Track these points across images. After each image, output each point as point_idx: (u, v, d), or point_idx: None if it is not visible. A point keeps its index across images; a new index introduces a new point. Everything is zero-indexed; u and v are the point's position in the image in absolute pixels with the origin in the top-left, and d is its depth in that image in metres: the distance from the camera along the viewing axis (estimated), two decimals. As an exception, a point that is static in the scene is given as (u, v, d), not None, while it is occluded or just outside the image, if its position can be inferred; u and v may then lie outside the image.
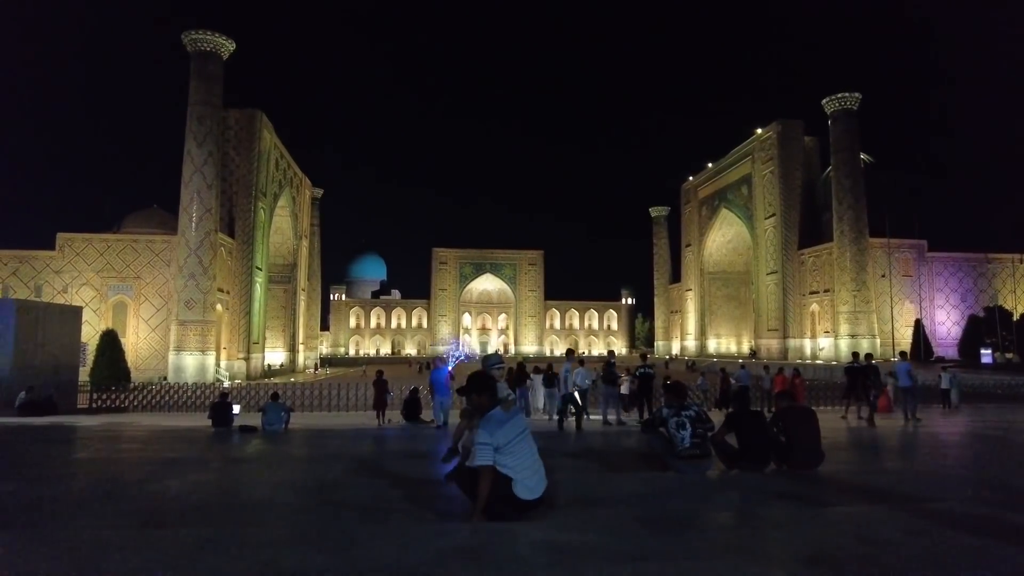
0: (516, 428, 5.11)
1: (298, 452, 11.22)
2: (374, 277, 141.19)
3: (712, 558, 4.24)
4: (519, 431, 5.12)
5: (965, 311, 65.15)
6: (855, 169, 62.07)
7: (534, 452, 5.26)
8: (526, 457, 5.10)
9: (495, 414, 5.13)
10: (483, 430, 5.01)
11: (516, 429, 5.10)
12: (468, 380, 5.52)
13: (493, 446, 4.95)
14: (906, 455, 10.96)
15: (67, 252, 50.36)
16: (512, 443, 5.02)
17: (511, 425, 5.08)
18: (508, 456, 4.99)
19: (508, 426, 5.06)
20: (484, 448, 4.93)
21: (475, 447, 5.01)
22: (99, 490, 7.00)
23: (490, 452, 4.94)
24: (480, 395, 5.34)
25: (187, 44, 49.67)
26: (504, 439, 4.99)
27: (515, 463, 5.01)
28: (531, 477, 5.08)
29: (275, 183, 63.73)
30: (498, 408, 5.20)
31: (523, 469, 5.04)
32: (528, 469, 5.09)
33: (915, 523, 5.02)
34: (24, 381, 22.47)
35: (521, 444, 5.09)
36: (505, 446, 4.99)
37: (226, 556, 4.27)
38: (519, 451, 5.05)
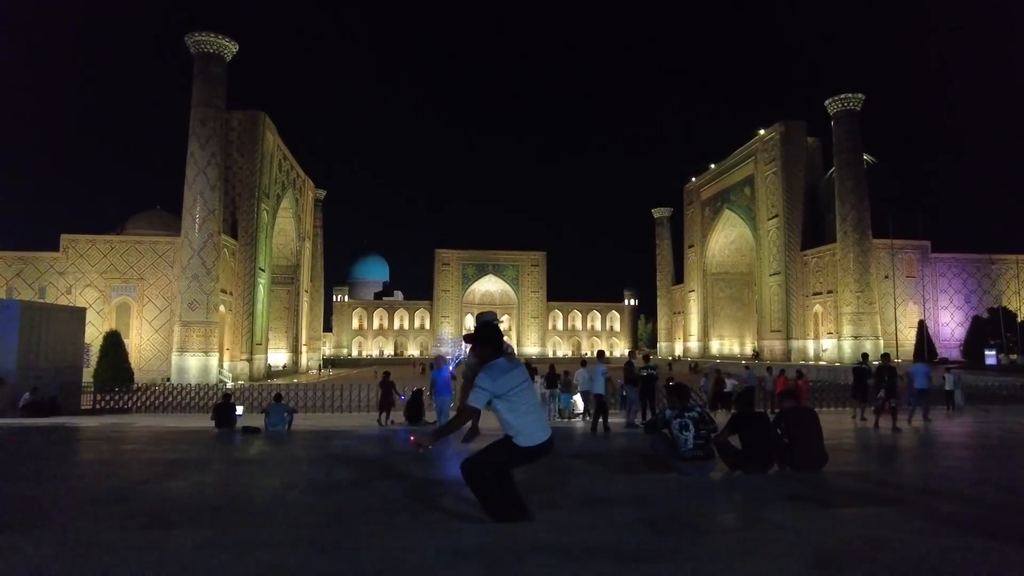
0: (518, 377, 5.08)
1: (301, 453, 11.22)
2: (377, 278, 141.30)
3: (716, 560, 4.22)
4: (521, 380, 5.09)
5: (969, 312, 64.98)
6: (858, 170, 61.96)
7: (536, 402, 5.29)
8: (527, 405, 5.08)
9: (499, 362, 5.06)
10: (484, 375, 4.94)
11: (518, 378, 5.07)
12: (476, 328, 5.36)
13: (492, 393, 4.91)
14: (911, 457, 10.92)
15: (71, 253, 50.49)
16: (513, 391, 4.98)
17: (513, 375, 5.03)
18: (508, 403, 4.96)
19: (510, 375, 5.01)
20: (480, 392, 4.89)
21: (473, 390, 4.94)
22: (103, 491, 7.02)
23: (485, 397, 4.90)
24: (485, 346, 5.21)
25: (190, 46, 49.79)
26: (505, 387, 4.95)
27: (516, 410, 4.98)
28: (532, 424, 5.05)
29: (278, 184, 63.84)
30: (502, 358, 5.14)
31: (524, 415, 5.01)
32: (529, 416, 5.06)
33: (921, 525, 5.01)
34: (28, 382, 22.55)
35: (522, 394, 5.06)
36: (506, 394, 4.95)
37: (230, 557, 4.27)
38: (520, 400, 5.02)
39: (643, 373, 18.04)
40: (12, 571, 4.00)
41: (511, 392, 4.98)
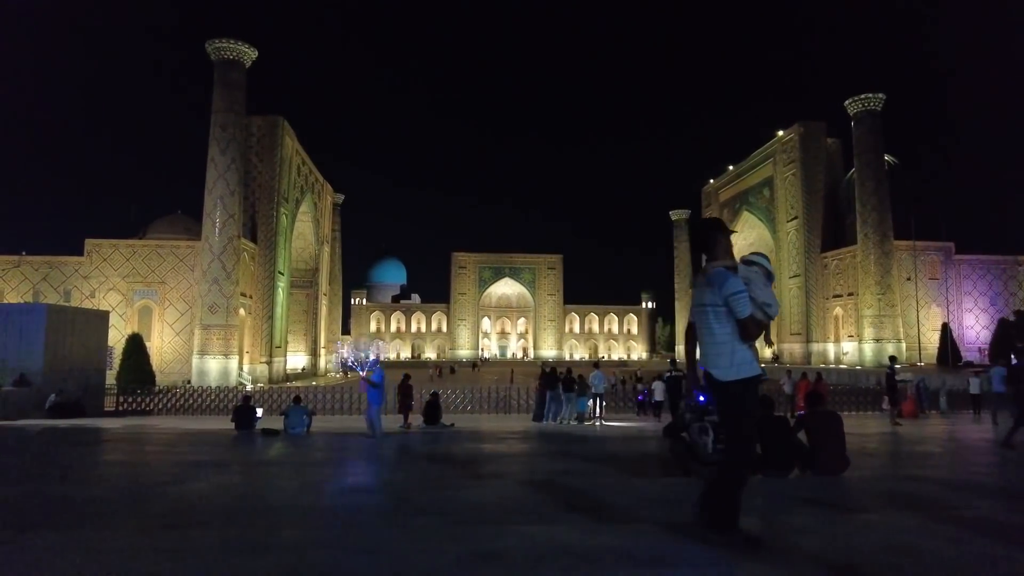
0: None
1: (320, 455, 11.30)
2: (394, 281, 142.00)
3: (735, 564, 4.18)
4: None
5: (995, 315, 63.76)
6: (879, 171, 61.15)
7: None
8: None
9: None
10: (736, 278, 4.27)
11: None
12: (704, 228, 4.73)
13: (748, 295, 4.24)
14: (936, 461, 10.73)
15: (95, 258, 51.35)
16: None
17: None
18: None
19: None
20: (744, 296, 4.22)
21: (733, 297, 4.21)
22: (126, 492, 7.12)
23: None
24: (719, 244, 4.50)
25: (211, 52, 50.46)
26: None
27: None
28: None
29: (297, 189, 64.44)
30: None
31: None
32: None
33: (945, 531, 4.92)
34: (54, 383, 22.95)
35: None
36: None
37: (251, 558, 4.31)
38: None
39: (668, 376, 18.02)
40: (37, 570, 4.06)
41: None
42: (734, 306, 4.19)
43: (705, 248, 4.53)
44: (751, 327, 4.24)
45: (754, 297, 4.27)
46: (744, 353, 4.28)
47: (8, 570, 4.05)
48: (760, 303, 4.30)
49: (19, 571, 4.05)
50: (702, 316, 4.38)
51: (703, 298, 4.37)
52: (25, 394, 22.20)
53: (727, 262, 4.39)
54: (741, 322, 4.22)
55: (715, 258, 4.44)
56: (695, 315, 4.50)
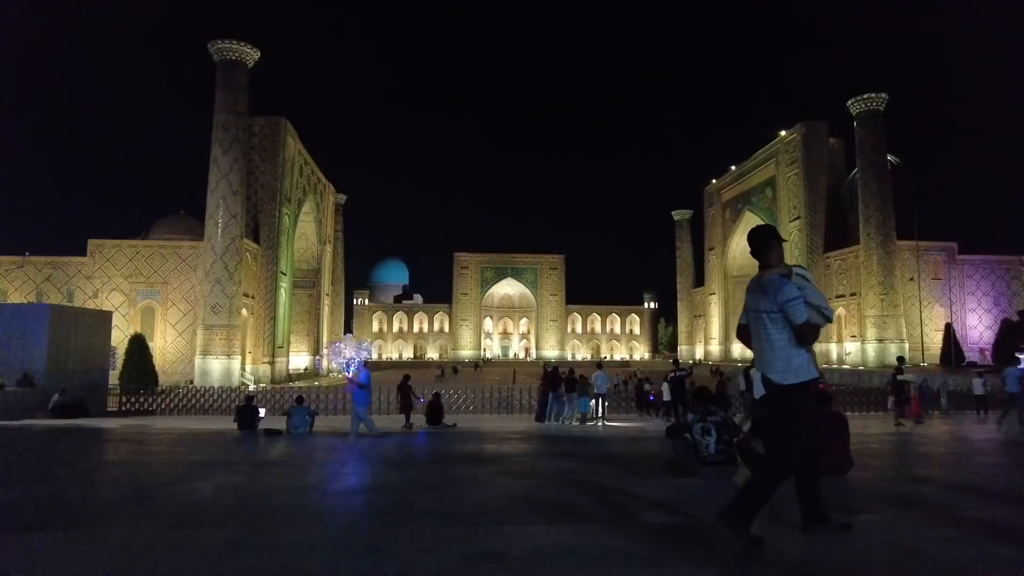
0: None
1: (322, 455, 11.31)
2: (396, 282, 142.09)
3: (738, 566, 4.18)
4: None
5: (998, 315, 63.62)
6: (882, 171, 61.06)
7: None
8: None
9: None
10: (791, 284, 4.36)
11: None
12: (759, 235, 4.79)
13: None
14: (940, 462, 10.71)
15: (98, 258, 51.47)
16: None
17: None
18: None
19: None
20: (799, 302, 4.31)
21: (789, 304, 4.29)
22: (130, 492, 7.13)
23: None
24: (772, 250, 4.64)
25: (213, 53, 50.56)
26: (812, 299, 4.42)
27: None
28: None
29: (299, 189, 64.52)
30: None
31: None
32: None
33: (949, 532, 4.91)
34: (57, 383, 23.00)
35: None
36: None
37: (253, 558, 4.32)
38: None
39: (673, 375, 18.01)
40: (42, 570, 4.07)
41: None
42: (790, 312, 4.31)
43: (759, 255, 4.66)
44: (807, 332, 4.35)
45: (809, 302, 4.38)
46: (801, 357, 4.39)
47: (11, 570, 4.06)
48: (816, 306, 4.43)
49: (22, 571, 4.06)
50: (758, 322, 4.50)
51: (759, 304, 4.48)
52: (28, 394, 22.26)
53: (781, 269, 4.52)
54: (797, 328, 4.33)
55: (768, 265, 4.57)
56: (750, 320, 4.62)
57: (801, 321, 4.29)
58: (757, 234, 4.74)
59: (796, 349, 4.37)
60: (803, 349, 4.39)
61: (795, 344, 4.36)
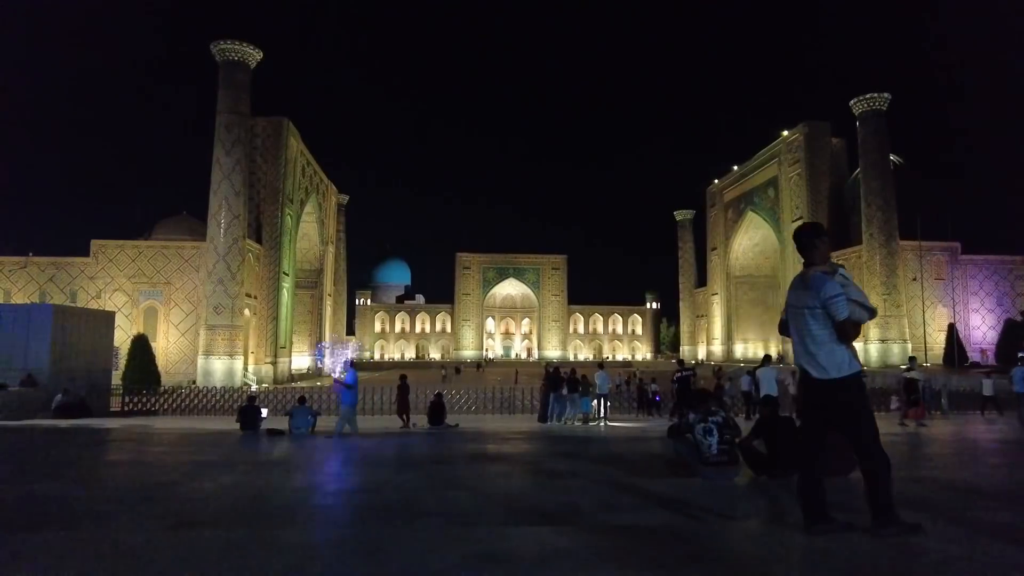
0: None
1: (324, 455, 11.31)
2: (399, 282, 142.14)
3: (741, 568, 4.17)
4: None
5: (1001, 315, 63.43)
6: (884, 171, 60.93)
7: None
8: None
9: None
10: (834, 282, 4.47)
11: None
12: (803, 232, 4.91)
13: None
14: (945, 462, 10.68)
15: (100, 259, 51.56)
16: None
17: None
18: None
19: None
20: (842, 298, 4.43)
21: (831, 300, 4.40)
22: (132, 491, 7.14)
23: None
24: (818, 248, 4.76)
25: (215, 54, 50.63)
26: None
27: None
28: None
29: (302, 190, 64.59)
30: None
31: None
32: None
33: (954, 532, 4.90)
34: (60, 384, 23.04)
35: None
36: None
37: (255, 559, 4.32)
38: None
39: (679, 376, 17.98)
40: (43, 571, 4.08)
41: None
42: (832, 309, 4.39)
43: (804, 252, 4.77)
44: (849, 328, 4.44)
45: (851, 299, 4.47)
46: (843, 353, 4.47)
47: (15, 570, 4.07)
48: (858, 303, 4.52)
49: (25, 571, 4.06)
50: (800, 318, 4.59)
51: (801, 300, 4.58)
52: (32, 394, 22.30)
53: (825, 267, 4.61)
54: (839, 324, 4.42)
55: (812, 263, 4.68)
56: (791, 316, 4.70)
57: (843, 317, 4.38)
58: (802, 232, 4.84)
59: (837, 345, 4.45)
60: (844, 345, 4.47)
61: (836, 340, 4.44)
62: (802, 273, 4.70)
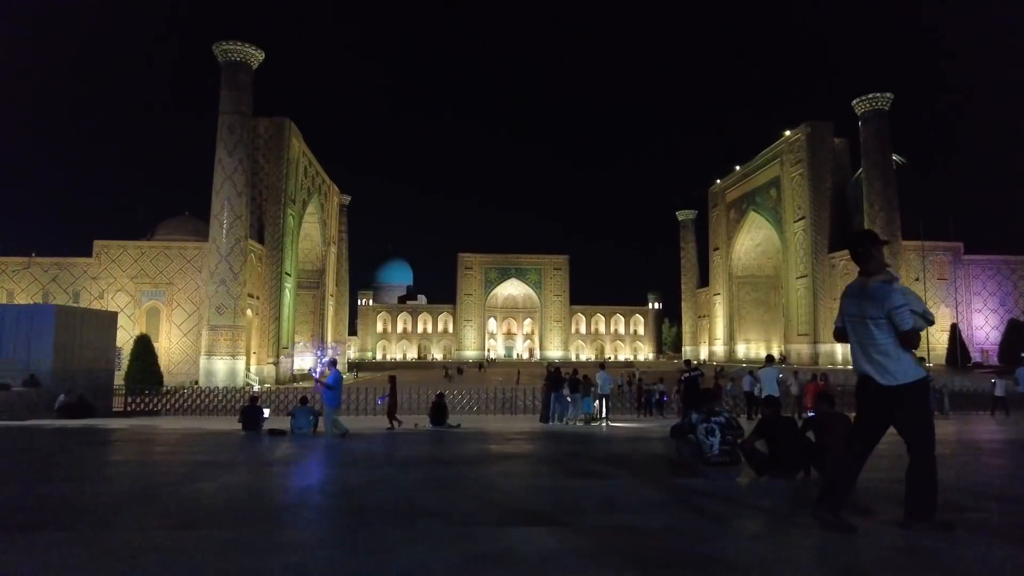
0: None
1: (325, 456, 11.32)
2: (400, 282, 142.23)
3: (743, 567, 4.17)
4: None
5: (1005, 315, 63.32)
6: (887, 171, 60.84)
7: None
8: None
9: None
10: (898, 293, 4.61)
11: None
12: (858, 239, 5.00)
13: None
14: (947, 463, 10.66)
15: (103, 259, 51.61)
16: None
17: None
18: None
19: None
20: (906, 309, 4.56)
21: (896, 311, 4.53)
22: (135, 491, 7.15)
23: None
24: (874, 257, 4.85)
25: (218, 54, 50.68)
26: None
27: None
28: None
29: (304, 190, 64.62)
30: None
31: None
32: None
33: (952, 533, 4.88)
34: (63, 384, 23.09)
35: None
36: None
37: (257, 558, 4.33)
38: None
39: (687, 376, 17.97)
40: (46, 571, 4.09)
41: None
42: (897, 319, 4.55)
43: (860, 261, 4.87)
44: (912, 337, 4.61)
45: (913, 309, 4.62)
46: (908, 359, 4.64)
47: (17, 570, 4.08)
48: (919, 313, 4.67)
49: (27, 571, 4.07)
50: (862, 327, 4.71)
51: (864, 310, 4.70)
52: (35, 394, 22.34)
53: (885, 276, 4.74)
54: (903, 333, 4.58)
55: (869, 272, 4.80)
56: (850, 325, 4.84)
57: (907, 328, 4.54)
58: (857, 240, 4.92)
59: (902, 352, 4.62)
60: (907, 352, 4.65)
61: (899, 348, 4.61)
62: (860, 282, 4.81)
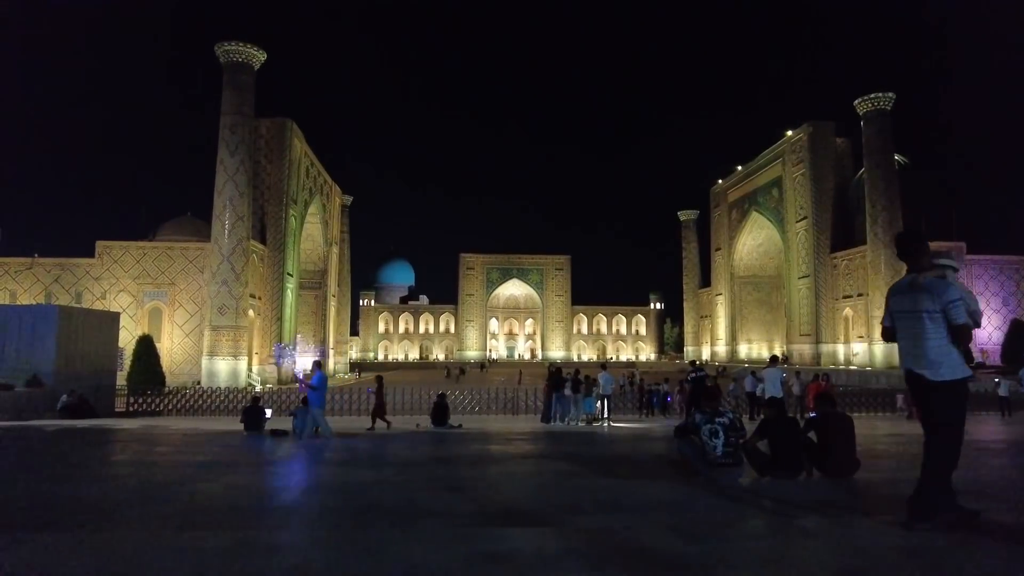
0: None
1: (328, 455, 11.32)
2: (402, 283, 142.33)
3: (744, 568, 4.16)
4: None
5: (1007, 315, 63.20)
6: (889, 171, 60.76)
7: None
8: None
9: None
10: (955, 287, 4.69)
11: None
12: (907, 239, 5.13)
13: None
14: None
15: (105, 260, 51.69)
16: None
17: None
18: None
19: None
20: (961, 304, 4.62)
21: (951, 305, 4.59)
22: (137, 492, 7.16)
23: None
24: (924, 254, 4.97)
25: (220, 55, 50.73)
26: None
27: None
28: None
29: (306, 191, 64.67)
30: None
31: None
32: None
33: (956, 533, 4.87)
34: (65, 384, 23.11)
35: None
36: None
37: (259, 558, 4.33)
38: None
39: (692, 377, 17.95)
40: (48, 571, 4.09)
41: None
42: (951, 313, 4.59)
43: (909, 258, 4.95)
44: (965, 332, 4.64)
45: (967, 306, 4.67)
46: (956, 356, 4.65)
47: (19, 570, 4.08)
48: (971, 311, 4.70)
49: (30, 571, 4.08)
50: (916, 321, 4.75)
51: (918, 304, 4.74)
52: (37, 395, 22.38)
53: (937, 272, 4.83)
54: (956, 327, 4.61)
55: (920, 268, 4.89)
56: (901, 320, 4.88)
57: (961, 322, 4.58)
58: (905, 239, 5.02)
59: (951, 348, 4.63)
60: (957, 349, 4.65)
61: (951, 343, 4.62)
62: (910, 278, 4.88)
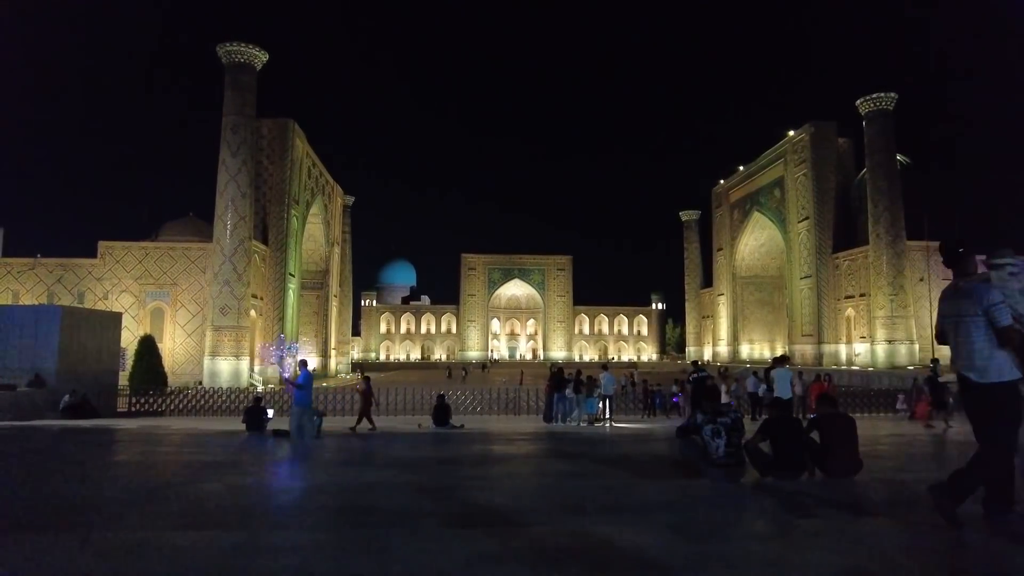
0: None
1: (330, 456, 11.34)
2: (404, 283, 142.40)
3: (747, 568, 4.16)
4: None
5: (1009, 315, 63.12)
6: (891, 171, 60.68)
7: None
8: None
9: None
10: (995, 291, 4.69)
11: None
12: (953, 247, 5.15)
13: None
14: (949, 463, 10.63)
15: (108, 260, 51.77)
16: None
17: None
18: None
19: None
20: (1004, 306, 4.61)
21: (993, 308, 4.60)
22: (139, 492, 7.17)
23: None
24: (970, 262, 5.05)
25: (222, 56, 50.79)
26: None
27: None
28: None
29: (307, 191, 64.74)
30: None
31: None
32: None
33: (958, 534, 4.87)
34: (68, 384, 23.15)
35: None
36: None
37: (260, 559, 4.34)
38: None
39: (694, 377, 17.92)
40: (49, 570, 4.10)
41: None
42: (994, 315, 4.60)
43: (955, 264, 5.03)
44: (1011, 335, 4.62)
45: (1013, 308, 4.68)
46: (1002, 358, 4.64)
47: (21, 570, 4.09)
48: (1018, 314, 4.71)
49: (31, 571, 4.08)
50: (962, 326, 4.78)
51: (963, 309, 4.79)
52: (39, 395, 22.41)
53: (981, 276, 4.88)
54: (1000, 330, 4.61)
55: (967, 273, 4.97)
56: (949, 326, 4.93)
57: (1005, 324, 4.57)
58: (951, 246, 5.09)
59: (998, 350, 4.62)
60: (1004, 351, 4.63)
61: (996, 345, 4.62)
62: (955, 284, 4.97)
